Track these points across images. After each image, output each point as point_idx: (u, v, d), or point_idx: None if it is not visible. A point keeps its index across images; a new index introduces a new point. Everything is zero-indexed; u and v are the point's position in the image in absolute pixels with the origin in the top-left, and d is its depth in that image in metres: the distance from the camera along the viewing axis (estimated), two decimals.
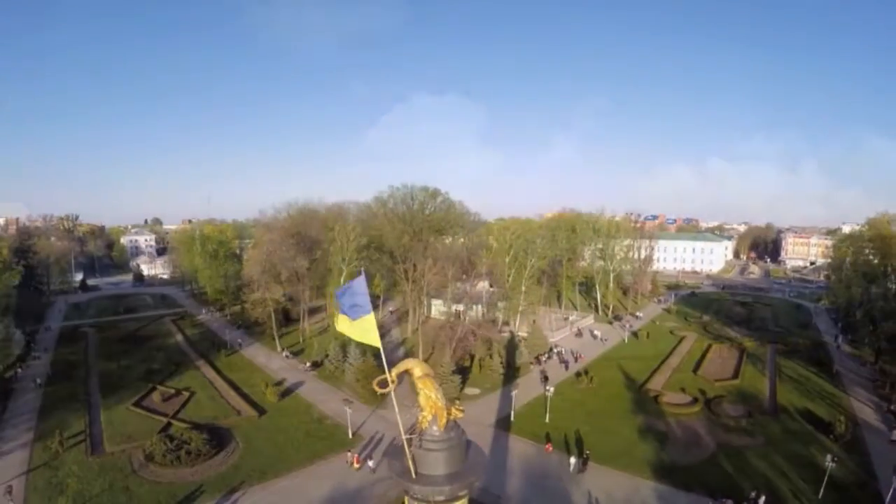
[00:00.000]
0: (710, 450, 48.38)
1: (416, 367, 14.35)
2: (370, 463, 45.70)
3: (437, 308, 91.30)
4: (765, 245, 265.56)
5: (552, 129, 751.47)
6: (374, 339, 14.91)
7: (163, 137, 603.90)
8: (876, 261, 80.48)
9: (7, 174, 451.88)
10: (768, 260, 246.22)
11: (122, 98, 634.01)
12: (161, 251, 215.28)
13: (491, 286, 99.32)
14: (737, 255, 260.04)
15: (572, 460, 45.11)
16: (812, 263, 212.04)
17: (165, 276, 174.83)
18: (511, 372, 71.74)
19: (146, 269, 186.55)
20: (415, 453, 13.42)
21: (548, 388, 58.01)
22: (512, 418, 55.94)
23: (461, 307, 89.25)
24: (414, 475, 13.46)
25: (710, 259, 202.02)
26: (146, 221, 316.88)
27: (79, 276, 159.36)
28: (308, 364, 75.03)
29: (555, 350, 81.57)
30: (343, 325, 15.24)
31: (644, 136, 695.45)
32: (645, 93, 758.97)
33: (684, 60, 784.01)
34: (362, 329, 14.67)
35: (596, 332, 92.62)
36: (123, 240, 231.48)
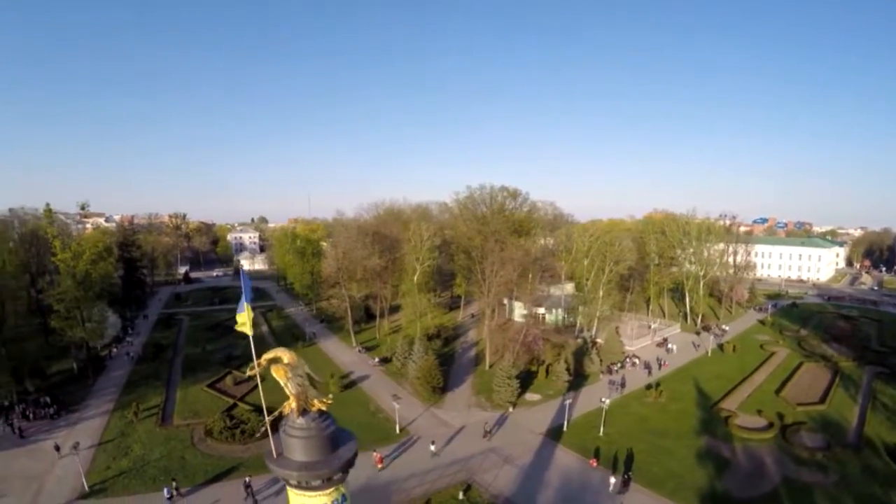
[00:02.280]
0: (773, 484, 43.26)
1: (284, 356, 14.92)
2: (432, 447, 48.38)
3: (519, 311, 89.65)
4: (880, 252, 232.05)
5: (658, 130, 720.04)
6: (248, 328, 16.13)
7: (271, 134, 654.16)
8: None
9: (140, 177, 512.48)
10: (883, 269, 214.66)
11: (254, 106, 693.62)
12: (263, 248, 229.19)
13: (576, 290, 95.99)
14: (849, 262, 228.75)
15: (612, 479, 42.57)
16: None
17: (265, 271, 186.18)
18: (578, 380, 69.09)
19: (247, 265, 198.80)
20: (282, 436, 14.27)
21: (603, 399, 55.22)
22: (564, 428, 53.95)
23: (541, 311, 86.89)
24: (275, 455, 14.43)
25: (817, 267, 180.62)
26: (252, 220, 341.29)
27: (183, 269, 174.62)
28: (377, 360, 77.43)
29: (629, 359, 77.67)
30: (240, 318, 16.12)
31: (759, 136, 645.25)
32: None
33: (795, 55, 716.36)
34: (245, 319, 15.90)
35: (671, 346, 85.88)
36: (229, 237, 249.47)
